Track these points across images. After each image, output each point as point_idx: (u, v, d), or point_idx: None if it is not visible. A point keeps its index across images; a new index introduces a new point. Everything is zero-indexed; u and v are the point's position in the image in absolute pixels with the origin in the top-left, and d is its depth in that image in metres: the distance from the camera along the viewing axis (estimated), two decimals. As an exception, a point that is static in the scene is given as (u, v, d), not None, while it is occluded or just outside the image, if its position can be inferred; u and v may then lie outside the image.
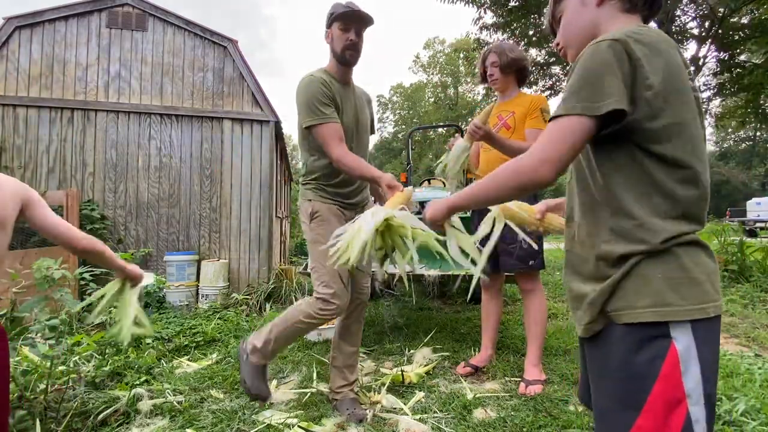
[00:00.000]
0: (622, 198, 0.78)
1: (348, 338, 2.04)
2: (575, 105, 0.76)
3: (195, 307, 4.39)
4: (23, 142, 4.49)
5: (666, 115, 0.75)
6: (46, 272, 2.10)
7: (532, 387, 2.13)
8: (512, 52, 2.34)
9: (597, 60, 0.76)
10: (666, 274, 0.75)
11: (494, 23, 6.81)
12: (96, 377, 2.18)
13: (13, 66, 4.49)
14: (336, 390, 2.01)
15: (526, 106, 2.30)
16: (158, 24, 4.91)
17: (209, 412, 1.98)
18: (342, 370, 2.03)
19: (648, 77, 0.74)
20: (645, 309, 0.75)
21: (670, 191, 0.76)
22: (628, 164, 0.78)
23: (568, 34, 0.96)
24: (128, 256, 3.22)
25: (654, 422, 0.73)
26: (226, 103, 5.02)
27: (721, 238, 5.33)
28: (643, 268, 0.76)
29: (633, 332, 0.76)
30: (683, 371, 0.72)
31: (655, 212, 0.76)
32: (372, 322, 3.67)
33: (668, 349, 0.73)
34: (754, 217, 17.49)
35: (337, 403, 1.99)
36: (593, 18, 0.91)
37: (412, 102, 37.22)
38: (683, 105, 0.76)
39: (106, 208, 4.67)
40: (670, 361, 0.73)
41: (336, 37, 1.85)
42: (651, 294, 0.75)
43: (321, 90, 1.80)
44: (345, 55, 1.85)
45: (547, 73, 7.65)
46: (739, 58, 7.21)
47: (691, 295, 0.74)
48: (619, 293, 0.78)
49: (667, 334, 0.74)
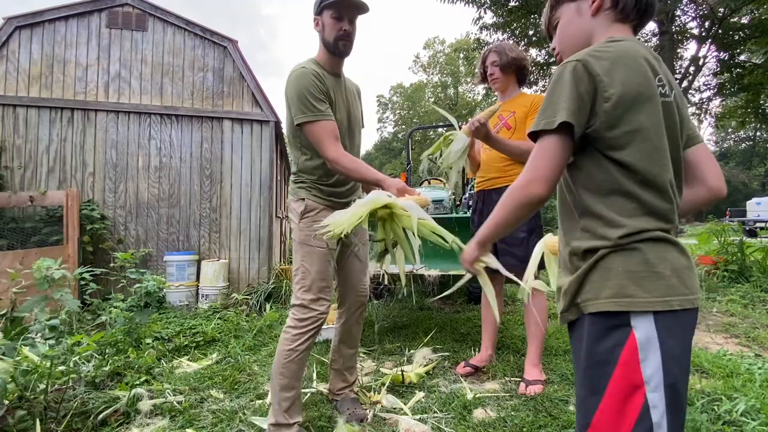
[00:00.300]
0: (589, 199, 0.86)
1: (348, 341, 2.01)
2: (539, 122, 0.85)
3: (195, 307, 4.39)
4: (23, 142, 4.48)
5: (624, 123, 0.81)
6: (46, 272, 2.11)
7: (533, 387, 2.13)
8: (512, 51, 2.34)
9: (558, 81, 0.84)
10: (627, 268, 0.80)
11: (494, 23, 6.82)
12: (96, 377, 2.18)
13: (13, 66, 4.49)
14: (336, 392, 2.02)
15: (527, 106, 2.30)
16: (158, 24, 4.91)
17: (209, 412, 1.98)
18: (342, 373, 2.02)
19: (606, 90, 0.81)
20: (607, 299, 0.81)
21: (631, 192, 0.82)
22: (593, 169, 0.86)
23: (564, 41, 1.01)
24: (128, 256, 3.22)
25: (614, 406, 0.78)
26: (226, 103, 5.02)
27: (721, 238, 5.33)
28: (607, 262, 0.82)
29: (597, 321, 0.82)
30: (642, 359, 0.77)
31: (619, 211, 0.82)
32: (372, 322, 3.67)
33: (628, 338, 0.78)
34: (754, 217, 17.45)
35: (337, 403, 1.99)
36: (588, 27, 0.96)
37: (412, 102, 37.21)
38: (642, 113, 0.82)
39: (106, 208, 4.67)
40: (629, 349, 0.78)
41: (327, 25, 1.71)
42: (613, 286, 0.80)
43: (314, 83, 1.66)
44: (338, 45, 1.72)
45: (547, 73, 7.64)
46: (739, 58, 7.20)
47: (654, 288, 0.79)
48: (586, 285, 0.85)
49: (628, 323, 0.79)
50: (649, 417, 0.76)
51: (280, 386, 1.69)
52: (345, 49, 1.75)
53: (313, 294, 1.71)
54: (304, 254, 1.76)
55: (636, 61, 0.84)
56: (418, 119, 35.33)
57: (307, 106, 1.65)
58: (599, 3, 0.93)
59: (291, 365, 1.68)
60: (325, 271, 1.75)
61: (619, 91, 0.80)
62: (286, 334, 1.71)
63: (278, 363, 1.70)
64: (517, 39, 7.05)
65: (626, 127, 0.81)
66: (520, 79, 2.42)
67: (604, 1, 0.93)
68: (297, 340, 1.68)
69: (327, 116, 1.68)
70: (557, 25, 1.01)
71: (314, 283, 1.72)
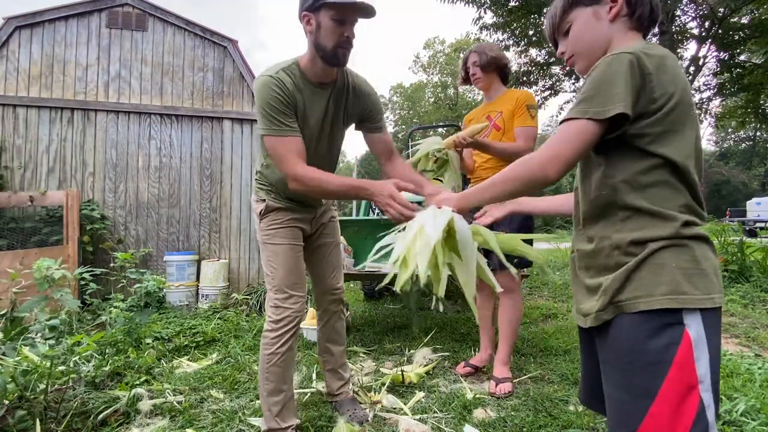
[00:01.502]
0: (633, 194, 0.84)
1: (334, 339, 1.98)
2: (587, 109, 0.82)
3: (195, 307, 4.39)
4: (23, 142, 4.48)
5: (665, 122, 0.81)
6: (46, 272, 2.11)
7: (502, 385, 2.13)
8: (491, 51, 2.39)
9: (611, 70, 0.81)
10: (679, 264, 0.79)
11: (494, 23, 6.81)
12: (96, 377, 2.18)
13: (13, 66, 4.49)
14: (335, 393, 1.99)
15: (512, 103, 2.32)
16: (158, 24, 4.91)
17: (209, 412, 1.98)
18: (336, 371, 1.99)
19: (654, 90, 0.80)
20: (663, 296, 0.78)
21: (677, 188, 0.82)
22: (635, 164, 0.84)
23: (580, 46, 0.99)
24: (128, 256, 3.22)
25: (669, 409, 0.75)
26: (226, 103, 5.02)
27: (721, 238, 5.32)
28: (659, 258, 0.80)
29: (648, 320, 0.79)
30: (696, 357, 0.75)
31: (668, 206, 0.82)
32: (372, 322, 3.67)
33: (682, 336, 0.76)
34: (754, 217, 17.47)
35: (336, 403, 1.97)
36: (606, 32, 0.95)
37: (412, 102, 37.21)
38: (681, 115, 0.82)
39: (106, 208, 4.67)
40: (684, 348, 0.76)
41: (326, 28, 1.45)
42: (668, 282, 0.78)
43: (275, 96, 1.48)
44: (338, 53, 1.49)
45: (547, 73, 7.64)
46: (739, 58, 7.21)
47: (702, 285, 0.78)
48: (634, 282, 0.82)
49: (681, 321, 0.77)
50: (705, 417, 0.74)
51: (267, 391, 1.65)
52: (344, 59, 1.52)
53: (284, 293, 1.65)
54: (268, 254, 1.69)
55: (677, 63, 0.85)
56: (418, 119, 35.32)
57: (268, 119, 1.49)
58: (618, 9, 0.93)
59: (274, 369, 1.63)
60: (292, 268, 1.68)
61: (664, 93, 0.81)
62: (265, 339, 1.66)
63: (262, 368, 1.66)
64: (517, 39, 7.05)
65: (667, 126, 0.81)
66: (503, 78, 2.45)
67: (622, 7, 0.94)
68: (276, 343, 1.63)
69: (289, 132, 1.50)
70: (568, 30, 1.00)
71: (283, 281, 1.66)
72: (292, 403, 1.70)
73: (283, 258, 1.68)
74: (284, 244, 1.69)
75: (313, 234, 1.87)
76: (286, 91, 1.50)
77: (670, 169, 0.82)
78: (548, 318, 3.71)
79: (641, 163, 0.83)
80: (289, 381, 1.70)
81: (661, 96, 0.81)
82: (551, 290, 4.94)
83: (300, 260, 1.75)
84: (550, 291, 4.90)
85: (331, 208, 1.97)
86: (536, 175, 0.86)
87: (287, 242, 1.70)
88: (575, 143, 0.83)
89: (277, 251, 1.69)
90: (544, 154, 0.85)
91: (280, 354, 1.63)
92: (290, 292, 1.66)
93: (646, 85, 0.80)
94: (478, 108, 2.58)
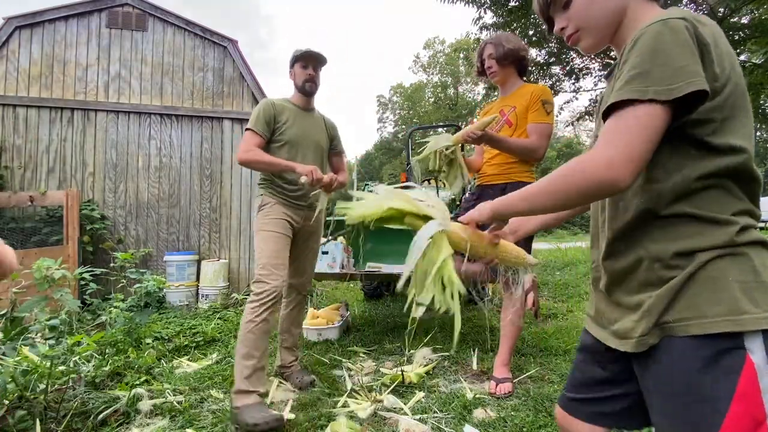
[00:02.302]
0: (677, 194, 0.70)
1: (296, 322, 2.40)
2: (645, 88, 0.65)
3: (195, 307, 4.39)
4: (23, 142, 4.49)
5: (727, 106, 0.68)
6: (46, 272, 2.11)
7: (503, 385, 2.11)
8: (509, 42, 2.23)
9: (669, 38, 0.65)
10: (738, 277, 0.65)
11: (494, 23, 6.81)
12: (96, 377, 2.18)
13: (13, 66, 4.49)
14: (287, 365, 2.35)
15: (527, 98, 2.18)
16: (158, 24, 4.91)
17: (209, 412, 1.98)
18: (291, 349, 2.37)
19: (715, 65, 0.66)
20: (720, 318, 0.64)
21: (733, 184, 0.69)
22: (682, 158, 0.70)
23: (587, 18, 0.84)
24: (128, 256, 3.22)
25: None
26: (226, 103, 5.02)
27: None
28: (711, 270, 0.66)
29: (702, 345, 0.65)
30: (763, 388, 0.62)
31: (721, 208, 0.68)
32: (372, 322, 3.67)
33: (744, 363, 0.63)
34: (754, 217, 17.46)
35: (287, 374, 2.33)
36: (620, 3, 0.81)
37: (412, 102, 37.21)
38: (740, 97, 0.70)
39: (106, 208, 4.67)
40: (747, 377, 0.63)
41: (297, 73, 2.26)
42: (723, 300, 0.65)
43: (266, 109, 2.16)
44: (305, 86, 2.25)
45: (547, 73, 7.64)
46: (739, 58, 7.21)
47: (764, 300, 0.64)
48: (682, 300, 0.68)
49: (742, 346, 0.63)
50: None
51: (240, 355, 1.89)
52: (311, 89, 2.27)
53: (267, 269, 1.97)
54: (259, 239, 2.08)
55: (724, 39, 0.70)
56: (418, 119, 35.32)
57: (253, 120, 2.14)
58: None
59: (249, 335, 1.89)
60: (278, 250, 2.04)
61: (722, 69, 0.67)
62: (246, 308, 1.95)
63: (240, 335, 1.92)
64: (517, 39, 7.08)
65: (727, 112, 0.68)
66: (521, 71, 2.31)
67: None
68: (254, 312, 1.91)
69: (258, 132, 2.12)
70: (567, 2, 0.86)
71: (268, 260, 1.99)
72: (261, 373, 1.92)
73: (272, 241, 2.05)
74: (274, 232, 2.08)
75: (302, 234, 2.27)
76: (274, 107, 2.19)
77: (733, 166, 0.67)
78: (548, 318, 3.71)
79: (700, 161, 0.68)
80: (261, 351, 1.92)
81: (722, 73, 0.67)
82: (551, 290, 4.94)
83: (286, 248, 2.11)
84: (550, 291, 4.90)
85: (320, 218, 2.32)
86: (601, 180, 0.66)
87: (277, 230, 2.09)
88: (642, 136, 0.64)
89: (267, 237, 2.07)
90: (603, 155, 0.66)
91: (256, 323, 1.90)
92: (272, 270, 1.98)
93: (705, 58, 0.65)
94: (494, 102, 2.45)
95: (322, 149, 2.34)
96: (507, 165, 2.26)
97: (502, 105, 2.29)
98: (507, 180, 2.24)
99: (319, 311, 3.47)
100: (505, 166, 2.27)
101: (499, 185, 2.25)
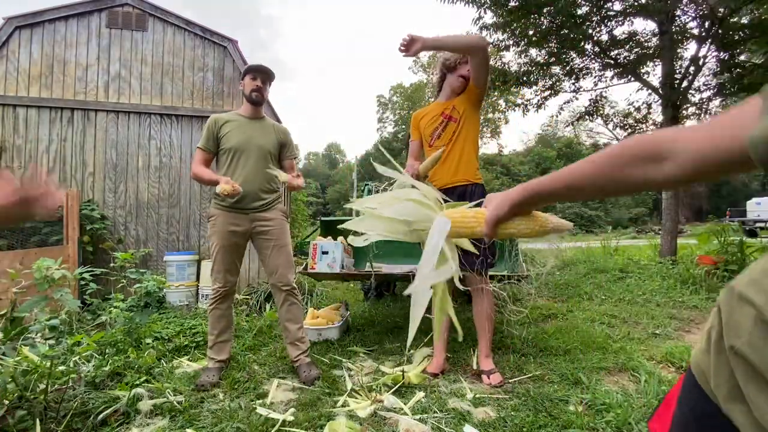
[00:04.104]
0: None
1: (290, 318, 2.52)
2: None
3: (195, 307, 4.39)
4: (23, 142, 4.49)
5: None
6: (46, 272, 2.11)
7: (494, 376, 2.25)
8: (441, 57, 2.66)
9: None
10: None
11: (494, 23, 6.80)
12: (96, 377, 2.18)
13: (13, 66, 4.49)
14: (294, 360, 2.49)
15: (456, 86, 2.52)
16: (158, 24, 4.91)
17: (209, 412, 1.98)
18: (295, 344, 2.51)
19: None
20: None
21: None
22: None
23: None
24: (128, 256, 3.22)
25: None
26: (226, 103, 5.02)
27: (721, 238, 5.33)
28: None
29: None
30: None
31: None
32: (372, 322, 3.67)
33: None
34: (754, 217, 17.48)
35: (296, 367, 2.46)
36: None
37: (412, 102, 37.20)
38: None
39: (106, 208, 4.67)
40: None
41: (247, 84, 2.49)
42: None
43: (209, 125, 2.47)
44: (252, 95, 2.49)
45: (547, 73, 7.62)
46: (739, 58, 7.20)
47: None
48: None
49: None
50: None
51: (208, 331, 2.53)
52: (257, 98, 2.50)
53: (214, 275, 2.46)
54: (210, 247, 2.48)
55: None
56: (418, 119, 35.29)
57: (201, 137, 2.48)
58: None
59: (210, 318, 2.48)
60: (221, 260, 2.43)
61: None
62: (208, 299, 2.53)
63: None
64: (517, 39, 7.04)
65: None
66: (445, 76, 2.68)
67: None
68: (211, 303, 2.47)
69: (202, 148, 2.46)
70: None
71: (218, 268, 2.44)
72: (219, 347, 2.49)
73: (218, 253, 2.43)
74: (218, 244, 2.43)
75: (259, 235, 2.48)
76: (215, 123, 2.47)
77: None
78: (548, 318, 3.71)
79: None
80: (218, 329, 2.47)
81: None
82: (551, 290, 4.94)
83: (230, 255, 2.45)
84: (550, 291, 4.90)
85: (278, 216, 2.52)
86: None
87: (220, 242, 2.43)
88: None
89: (213, 248, 2.46)
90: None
91: (211, 309, 2.47)
92: (217, 276, 2.45)
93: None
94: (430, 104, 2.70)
95: (268, 153, 2.50)
96: (454, 168, 2.43)
97: (441, 109, 2.53)
98: (459, 181, 2.42)
99: (319, 311, 3.47)
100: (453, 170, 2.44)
101: (449, 188, 2.40)
